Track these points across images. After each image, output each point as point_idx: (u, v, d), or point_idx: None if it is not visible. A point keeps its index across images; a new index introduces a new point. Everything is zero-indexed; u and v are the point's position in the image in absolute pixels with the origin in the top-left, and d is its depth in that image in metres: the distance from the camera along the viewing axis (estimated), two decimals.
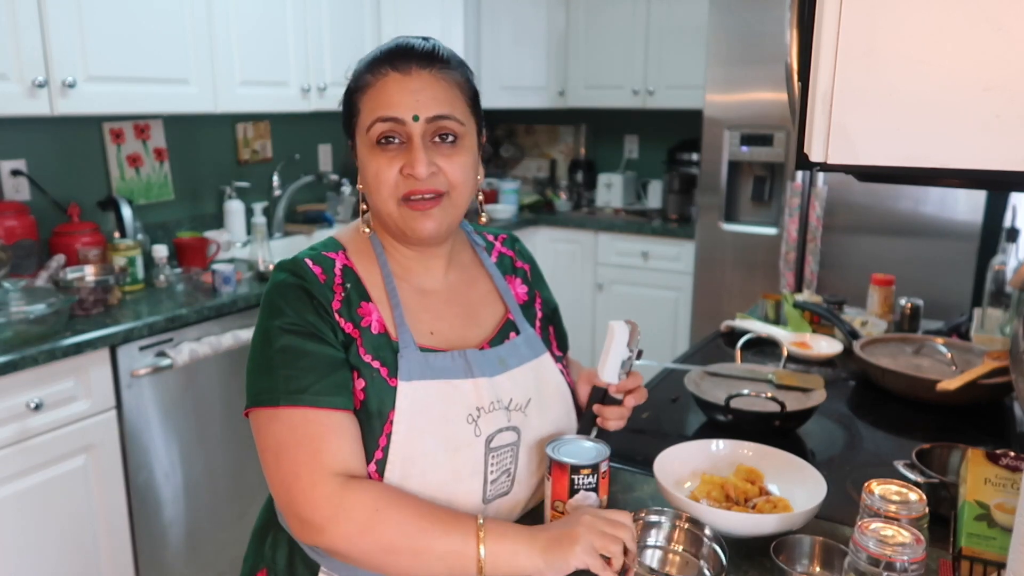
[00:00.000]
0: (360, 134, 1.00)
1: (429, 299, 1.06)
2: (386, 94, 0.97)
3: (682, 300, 3.60)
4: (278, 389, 0.94)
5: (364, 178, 1.01)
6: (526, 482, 1.06)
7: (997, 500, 0.95)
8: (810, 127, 0.71)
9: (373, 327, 1.00)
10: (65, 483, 1.92)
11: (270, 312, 0.98)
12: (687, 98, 3.63)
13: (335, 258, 1.03)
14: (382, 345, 0.99)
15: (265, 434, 0.95)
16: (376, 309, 1.01)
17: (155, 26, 2.27)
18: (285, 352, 0.95)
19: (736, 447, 1.17)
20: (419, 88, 0.97)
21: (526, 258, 1.20)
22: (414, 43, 1.00)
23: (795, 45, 0.79)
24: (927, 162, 0.67)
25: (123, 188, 2.61)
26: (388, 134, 0.97)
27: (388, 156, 0.97)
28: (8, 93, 1.95)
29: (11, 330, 1.81)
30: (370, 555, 0.91)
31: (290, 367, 0.95)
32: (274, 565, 1.07)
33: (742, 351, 1.66)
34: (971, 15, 0.63)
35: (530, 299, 1.16)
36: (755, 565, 0.96)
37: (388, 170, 0.98)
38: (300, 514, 0.91)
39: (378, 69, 0.98)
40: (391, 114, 0.96)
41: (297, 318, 0.96)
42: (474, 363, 1.02)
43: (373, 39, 3.06)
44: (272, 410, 0.94)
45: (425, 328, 1.03)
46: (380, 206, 1.00)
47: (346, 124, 1.04)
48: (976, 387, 1.45)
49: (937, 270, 2.83)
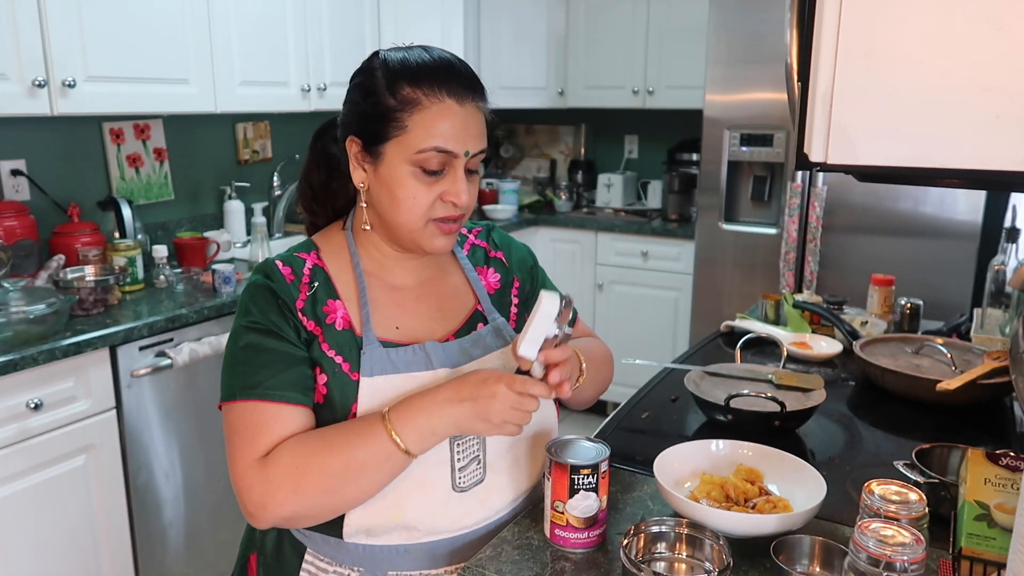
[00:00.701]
0: (399, 149, 0.99)
1: (400, 295, 1.10)
2: (444, 124, 0.98)
3: (682, 300, 3.60)
4: (236, 384, 1.00)
5: (391, 193, 1.01)
6: (499, 466, 1.08)
7: (997, 500, 0.95)
8: (810, 127, 0.71)
9: (338, 323, 1.04)
10: (65, 483, 1.92)
11: (240, 312, 1.05)
12: (687, 98, 3.63)
13: (306, 258, 1.07)
14: (346, 340, 1.03)
15: (225, 426, 1.01)
16: (343, 306, 1.05)
17: (155, 26, 2.27)
18: (247, 350, 1.01)
19: (736, 447, 1.17)
20: (470, 121, 1.00)
21: (501, 246, 1.22)
22: (459, 67, 1.01)
23: (795, 45, 0.79)
24: (927, 162, 0.67)
25: (123, 188, 2.62)
26: (440, 165, 0.99)
27: (429, 182, 1.00)
28: (8, 93, 1.95)
29: (11, 330, 1.81)
30: (317, 505, 0.97)
31: (249, 363, 1.00)
32: (264, 548, 1.12)
33: (742, 351, 1.66)
34: (971, 15, 0.63)
35: (504, 287, 1.19)
36: (755, 565, 0.96)
37: (427, 195, 1.00)
38: (244, 502, 0.97)
39: (432, 91, 0.98)
40: (448, 147, 0.98)
41: (261, 317, 1.02)
42: (433, 355, 1.05)
43: (373, 39, 3.06)
44: (230, 404, 1.00)
45: (391, 323, 1.07)
46: (402, 221, 1.02)
47: (374, 130, 1.00)
48: (976, 387, 1.45)
49: (937, 270, 2.83)
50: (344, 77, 1.06)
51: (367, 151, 1.02)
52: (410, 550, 1.05)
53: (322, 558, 1.07)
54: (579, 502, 0.97)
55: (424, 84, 0.98)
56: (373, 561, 1.05)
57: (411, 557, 1.05)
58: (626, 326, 3.79)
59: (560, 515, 0.98)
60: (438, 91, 0.98)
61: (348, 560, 1.06)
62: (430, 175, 0.99)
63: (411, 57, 1.01)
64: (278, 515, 0.96)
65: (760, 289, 3.04)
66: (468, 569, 0.97)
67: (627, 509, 1.11)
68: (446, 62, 1.01)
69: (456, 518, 1.05)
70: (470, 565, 0.98)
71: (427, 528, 1.04)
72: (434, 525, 1.04)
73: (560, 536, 0.99)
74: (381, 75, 1.00)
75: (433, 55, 1.02)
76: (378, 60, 1.02)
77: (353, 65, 1.08)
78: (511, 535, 1.04)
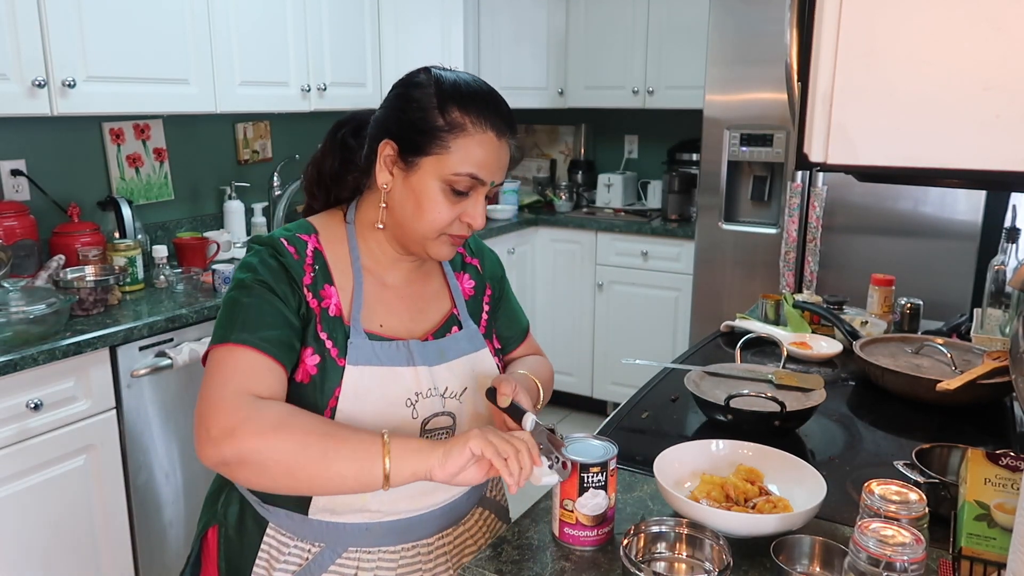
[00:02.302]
0: (436, 166, 1.04)
1: (387, 292, 1.14)
2: (483, 154, 1.04)
3: (682, 300, 3.60)
4: (234, 328, 1.01)
5: (417, 203, 1.05)
6: None
7: (997, 500, 0.95)
8: (810, 127, 0.71)
9: (331, 310, 1.08)
10: (65, 483, 1.92)
11: (243, 267, 1.07)
12: (687, 98, 3.63)
13: (307, 240, 1.11)
14: (336, 327, 1.07)
15: (210, 366, 1.01)
16: (336, 293, 1.09)
17: (155, 26, 2.27)
18: (250, 299, 1.03)
19: (736, 447, 1.17)
20: (502, 155, 1.07)
21: (476, 253, 1.28)
22: (503, 104, 1.08)
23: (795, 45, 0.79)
24: (927, 162, 0.67)
25: (123, 188, 2.61)
26: (468, 188, 1.05)
27: (454, 201, 1.05)
28: (8, 93, 1.95)
29: (11, 330, 1.81)
30: (282, 453, 0.93)
31: (248, 312, 1.02)
32: (225, 521, 1.16)
33: (742, 351, 1.66)
34: (971, 15, 0.63)
35: (477, 293, 1.24)
36: (755, 565, 0.96)
37: (450, 213, 1.06)
38: (214, 420, 0.95)
39: (478, 120, 1.04)
40: (481, 176, 1.05)
41: (269, 278, 1.04)
42: (416, 353, 1.10)
43: (373, 39, 3.05)
44: (221, 347, 1.01)
45: (377, 319, 1.11)
46: (419, 230, 1.07)
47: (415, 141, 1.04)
48: (976, 387, 1.45)
49: (937, 270, 2.83)
50: (344, 77, 1.08)
51: (402, 158, 1.06)
52: (371, 528, 1.10)
53: (284, 532, 1.11)
54: (588, 500, 0.98)
55: (472, 112, 1.03)
56: (334, 537, 1.09)
57: (371, 535, 1.10)
58: (626, 326, 3.79)
59: (570, 513, 0.99)
60: (483, 122, 1.04)
61: (310, 536, 1.10)
62: (456, 195, 1.05)
63: (462, 82, 1.06)
64: (237, 448, 0.93)
65: (760, 289, 3.03)
66: (468, 569, 0.97)
67: (627, 509, 1.11)
68: (494, 97, 1.07)
69: (416, 499, 1.10)
70: (470, 565, 0.98)
71: (389, 509, 1.09)
72: (395, 506, 1.09)
73: (570, 534, 1.00)
74: (434, 92, 1.04)
75: (483, 86, 1.08)
76: (431, 77, 1.07)
77: (353, 65, 1.09)
78: (511, 535, 1.04)
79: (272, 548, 1.11)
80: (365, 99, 3.04)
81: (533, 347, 1.35)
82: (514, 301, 1.33)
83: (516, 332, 1.31)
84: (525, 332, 1.33)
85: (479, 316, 1.22)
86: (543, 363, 1.30)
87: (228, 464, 0.95)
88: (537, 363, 1.28)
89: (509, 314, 1.30)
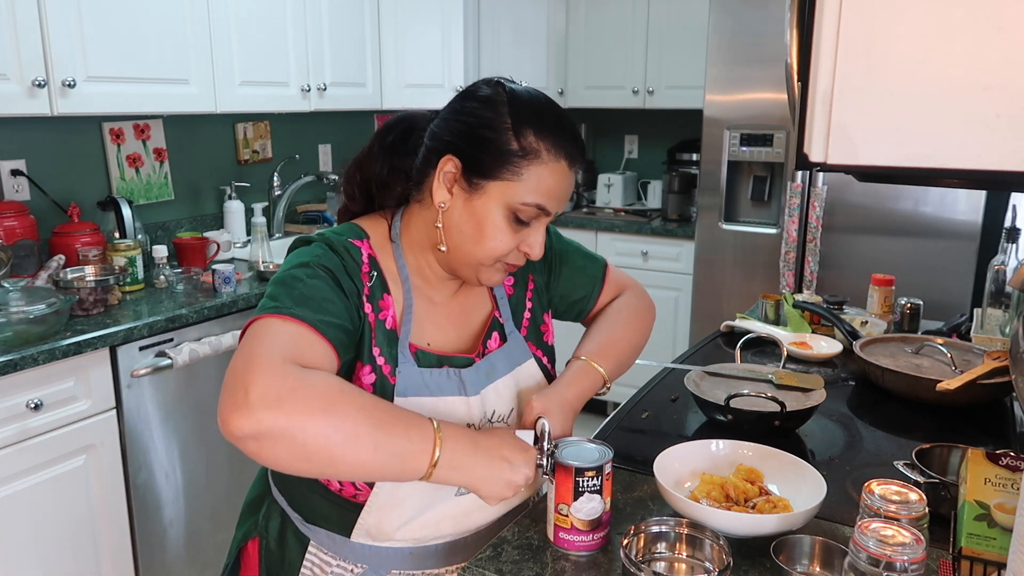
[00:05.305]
0: (504, 192, 0.97)
1: (435, 309, 1.09)
2: (554, 183, 0.98)
3: (682, 300, 3.60)
4: (291, 302, 0.90)
5: (479, 227, 0.98)
6: None
7: (997, 500, 0.95)
8: (810, 127, 0.71)
9: (388, 322, 1.02)
10: (65, 483, 1.92)
11: (304, 255, 0.97)
12: (687, 98, 3.63)
13: (361, 247, 1.02)
14: (392, 342, 1.01)
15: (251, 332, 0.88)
16: (393, 305, 1.03)
17: (155, 26, 2.27)
18: (313, 280, 0.93)
19: (736, 447, 1.17)
20: (571, 187, 1.01)
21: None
22: (578, 134, 1.01)
23: (795, 45, 0.79)
24: (927, 162, 0.67)
25: (123, 188, 2.61)
26: (532, 218, 0.99)
27: (516, 230, 0.99)
28: (8, 93, 1.95)
29: (11, 330, 1.81)
30: (328, 440, 0.81)
31: (310, 291, 0.92)
32: (267, 534, 1.13)
33: (742, 351, 1.65)
34: (971, 15, 0.63)
35: (518, 289, 1.17)
36: (755, 565, 0.95)
37: (510, 242, 1.00)
38: (255, 383, 0.80)
39: (554, 148, 0.97)
40: (549, 207, 0.99)
41: (334, 268, 0.96)
42: (467, 381, 1.05)
43: (373, 39, 3.05)
44: (274, 316, 0.88)
45: (425, 337, 1.06)
46: (476, 254, 1.00)
47: (484, 162, 0.96)
48: (976, 387, 1.45)
49: (937, 270, 2.83)
50: (344, 77, 1.07)
51: (465, 177, 0.98)
52: (414, 552, 1.08)
53: (326, 552, 1.08)
54: (583, 504, 0.97)
55: (549, 139, 0.97)
56: (377, 559, 1.07)
57: (414, 557, 1.08)
58: None
59: (564, 518, 0.98)
60: (559, 150, 0.97)
61: (352, 557, 1.07)
62: (519, 223, 0.99)
63: (537, 103, 1.00)
64: (279, 421, 0.79)
65: (760, 289, 3.04)
66: (468, 569, 0.97)
67: (627, 509, 1.11)
68: (568, 121, 1.01)
69: (459, 521, 1.07)
70: (470, 565, 0.98)
71: (431, 535, 1.07)
72: (438, 530, 1.06)
73: (564, 539, 0.99)
74: (508, 113, 0.97)
75: (556, 109, 1.01)
76: (504, 93, 1.00)
77: (353, 65, 1.08)
78: (511, 535, 1.04)
79: (315, 566, 1.09)
80: (365, 99, 3.05)
81: (617, 286, 1.27)
82: (575, 257, 1.24)
83: (587, 290, 1.24)
84: (600, 280, 1.25)
85: (521, 314, 1.16)
86: (620, 314, 1.23)
87: (261, 437, 0.79)
88: (611, 320, 1.21)
89: (572, 276, 1.22)
